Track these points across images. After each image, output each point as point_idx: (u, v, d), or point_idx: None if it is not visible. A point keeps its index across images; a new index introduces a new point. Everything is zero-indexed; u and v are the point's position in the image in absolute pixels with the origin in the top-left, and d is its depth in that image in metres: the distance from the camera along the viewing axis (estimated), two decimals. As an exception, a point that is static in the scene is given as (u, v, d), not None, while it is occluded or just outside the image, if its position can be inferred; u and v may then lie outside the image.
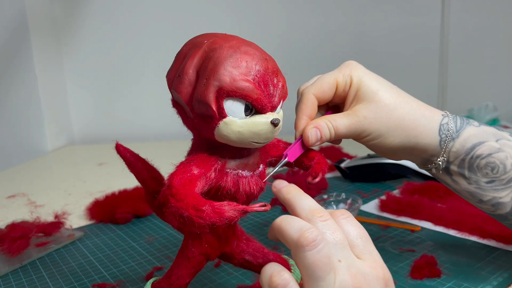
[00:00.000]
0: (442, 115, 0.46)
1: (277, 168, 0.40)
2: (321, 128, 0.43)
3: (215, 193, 0.35)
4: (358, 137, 0.45)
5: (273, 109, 0.34)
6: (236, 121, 0.32)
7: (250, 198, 0.37)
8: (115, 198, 0.76)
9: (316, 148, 0.44)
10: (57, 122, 1.41)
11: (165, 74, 0.36)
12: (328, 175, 0.90)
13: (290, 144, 0.42)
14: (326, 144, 1.03)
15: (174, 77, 0.34)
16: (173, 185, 0.32)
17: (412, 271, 0.50)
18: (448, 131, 0.45)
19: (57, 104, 1.42)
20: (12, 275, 0.56)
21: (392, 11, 1.34)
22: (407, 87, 0.49)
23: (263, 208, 0.33)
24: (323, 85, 0.45)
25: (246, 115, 0.33)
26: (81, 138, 1.51)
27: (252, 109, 0.33)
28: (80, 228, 0.71)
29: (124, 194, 0.78)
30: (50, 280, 0.54)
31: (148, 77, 1.42)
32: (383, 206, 0.69)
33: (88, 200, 0.80)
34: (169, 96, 0.37)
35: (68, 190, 0.93)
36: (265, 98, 0.33)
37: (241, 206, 0.32)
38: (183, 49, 0.35)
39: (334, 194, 0.69)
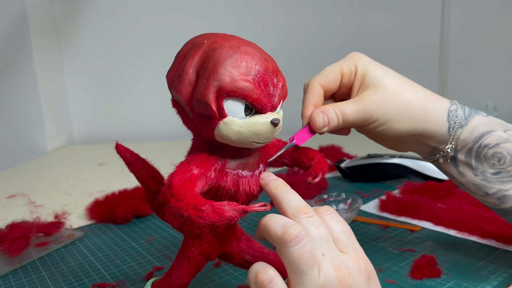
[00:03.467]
0: (450, 102, 0.46)
1: (282, 151, 0.40)
2: (328, 113, 0.43)
3: (215, 193, 0.35)
4: (366, 123, 0.44)
5: (273, 109, 0.34)
6: (236, 121, 0.32)
7: (250, 198, 0.37)
8: (115, 198, 0.76)
9: (317, 148, 0.44)
10: (57, 122, 1.41)
11: (165, 74, 0.36)
12: (328, 175, 0.90)
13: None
14: (326, 143, 1.02)
15: (174, 77, 0.34)
16: (173, 185, 0.32)
17: (412, 271, 0.50)
18: (457, 117, 0.44)
19: (57, 104, 1.42)
20: (12, 275, 0.56)
21: (392, 9, 1.34)
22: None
23: (263, 208, 0.33)
24: (328, 75, 0.45)
25: (246, 115, 0.33)
26: (81, 138, 1.52)
27: (252, 109, 0.33)
28: (80, 228, 0.71)
29: (124, 194, 0.78)
30: (50, 280, 0.54)
31: (148, 77, 1.42)
32: (383, 206, 0.69)
33: (88, 200, 0.80)
34: (170, 96, 0.37)
35: (68, 190, 0.93)
36: (265, 98, 0.33)
37: (241, 206, 0.32)
38: (183, 49, 0.35)
39: (334, 194, 0.69)
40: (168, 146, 1.17)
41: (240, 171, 0.36)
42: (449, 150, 0.45)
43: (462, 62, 1.31)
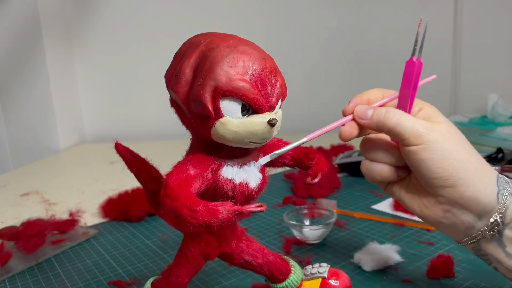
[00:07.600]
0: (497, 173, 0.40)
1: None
2: (372, 107, 0.40)
3: (212, 194, 0.35)
4: (401, 136, 0.39)
5: (270, 109, 0.33)
6: (232, 121, 0.32)
7: (248, 199, 0.36)
8: (128, 196, 0.77)
9: (328, 147, 0.43)
10: (69, 121, 1.42)
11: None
12: (339, 173, 0.90)
13: (289, 143, 0.41)
14: (338, 142, 1.01)
15: (171, 77, 0.34)
16: (169, 185, 0.31)
17: (428, 270, 0.50)
18: (506, 183, 0.38)
19: (69, 102, 1.43)
20: (28, 272, 0.57)
21: (403, 7, 1.33)
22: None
23: (258, 209, 0.32)
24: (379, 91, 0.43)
25: (243, 115, 0.32)
26: (92, 136, 1.53)
27: (249, 109, 0.32)
28: (94, 226, 0.71)
29: (137, 192, 0.78)
30: (66, 277, 0.55)
31: (159, 76, 1.42)
32: (397, 205, 0.69)
33: (101, 198, 0.80)
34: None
35: (81, 188, 0.94)
36: (262, 98, 0.32)
37: (235, 207, 0.31)
38: (181, 48, 0.35)
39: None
40: (180, 145, 1.17)
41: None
42: (498, 219, 0.36)
43: (475, 56, 1.30)
